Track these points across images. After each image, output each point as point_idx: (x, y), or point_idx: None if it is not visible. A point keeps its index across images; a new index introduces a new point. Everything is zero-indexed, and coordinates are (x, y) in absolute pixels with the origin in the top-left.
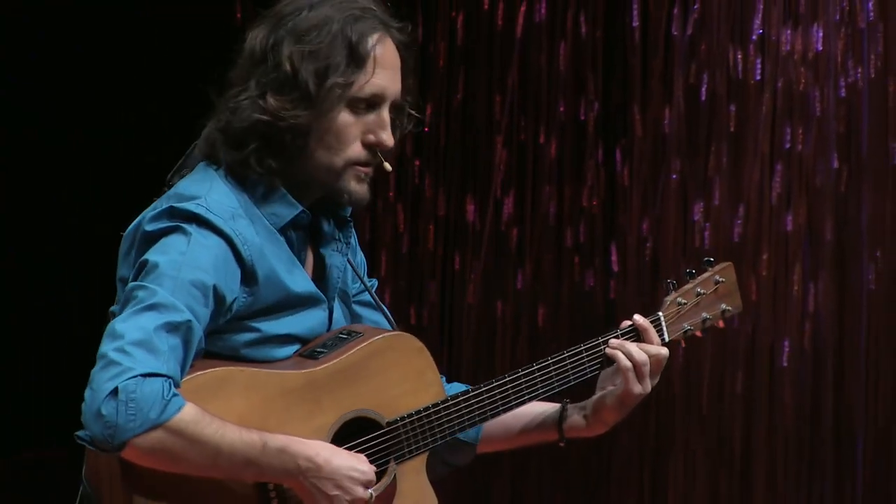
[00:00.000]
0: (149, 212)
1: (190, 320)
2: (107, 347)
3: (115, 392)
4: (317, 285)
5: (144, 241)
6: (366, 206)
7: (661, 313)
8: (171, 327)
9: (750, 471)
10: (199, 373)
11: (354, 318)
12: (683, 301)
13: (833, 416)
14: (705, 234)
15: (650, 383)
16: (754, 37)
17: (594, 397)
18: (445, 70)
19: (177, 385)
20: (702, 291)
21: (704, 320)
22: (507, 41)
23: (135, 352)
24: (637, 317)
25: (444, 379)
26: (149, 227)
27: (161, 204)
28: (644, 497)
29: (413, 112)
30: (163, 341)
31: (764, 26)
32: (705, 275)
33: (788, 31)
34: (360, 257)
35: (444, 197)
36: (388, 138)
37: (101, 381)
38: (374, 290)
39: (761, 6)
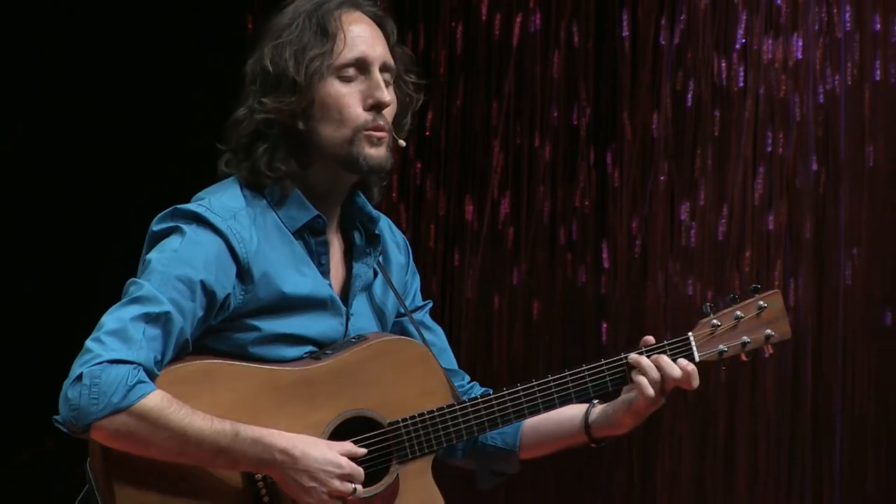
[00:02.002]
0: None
1: (169, 311)
2: (89, 338)
3: (80, 377)
4: (342, 294)
5: (150, 240)
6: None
7: (690, 333)
8: (150, 318)
9: (733, 454)
10: (184, 363)
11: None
12: (719, 323)
13: (812, 403)
14: (691, 233)
15: (661, 398)
16: (737, 46)
17: (617, 399)
18: (446, 77)
19: (150, 373)
20: (741, 315)
21: (745, 343)
22: (504, 50)
23: (108, 340)
24: (633, 355)
25: (465, 381)
26: (154, 228)
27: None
28: (633, 478)
29: (412, 79)
30: (138, 330)
31: (747, 36)
32: (748, 300)
33: (770, 41)
34: (416, 282)
35: (444, 197)
36: (383, 95)
37: (74, 367)
38: (426, 311)
39: (744, 17)
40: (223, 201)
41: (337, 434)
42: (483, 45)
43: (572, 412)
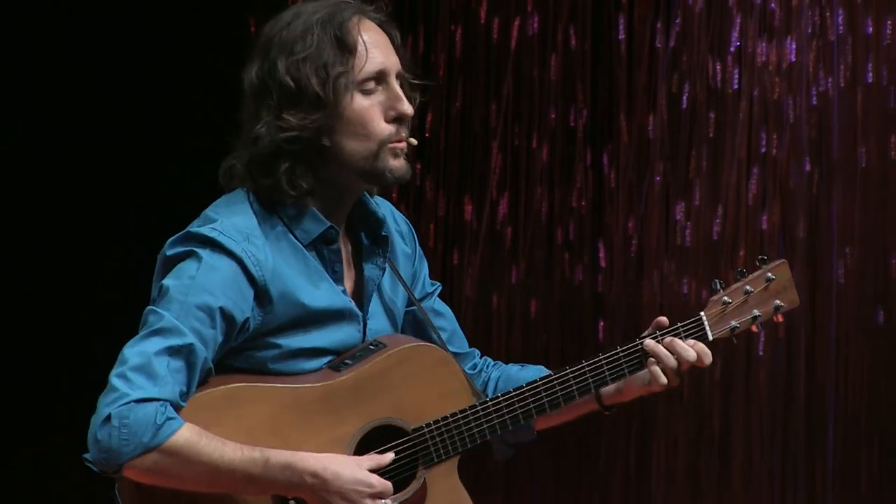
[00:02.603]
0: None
1: (192, 343)
2: (112, 373)
3: (108, 418)
4: (355, 299)
5: (164, 265)
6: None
7: (703, 313)
8: (173, 351)
9: (727, 452)
10: (207, 390)
11: (410, 328)
12: (729, 300)
13: (805, 401)
14: (686, 233)
15: (677, 379)
16: (732, 49)
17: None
18: (445, 80)
19: (176, 407)
20: (750, 289)
21: (755, 317)
22: (503, 53)
23: (133, 377)
24: (648, 341)
25: (476, 358)
26: (168, 252)
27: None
28: (630, 476)
29: (418, 81)
30: (162, 365)
31: (741, 39)
32: (756, 273)
33: (764, 44)
34: (424, 267)
35: (443, 198)
36: (406, 107)
37: (100, 406)
38: (436, 295)
39: (738, 20)
40: (235, 222)
41: (363, 444)
42: (482, 48)
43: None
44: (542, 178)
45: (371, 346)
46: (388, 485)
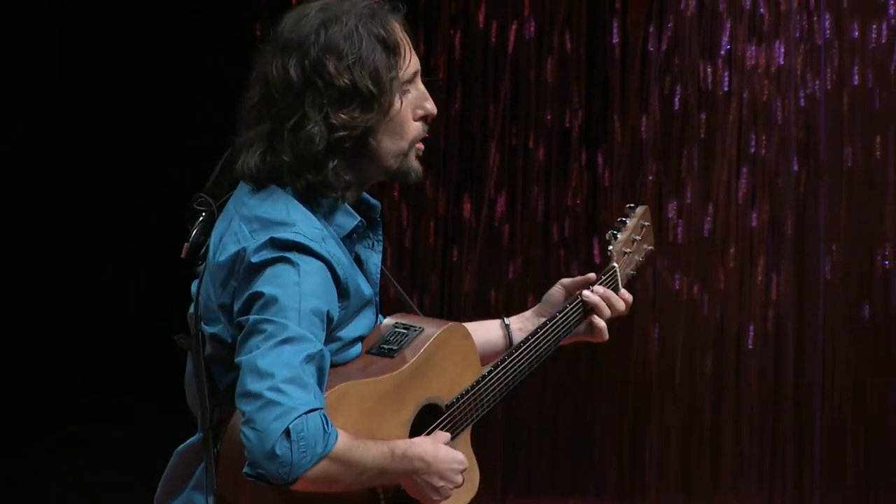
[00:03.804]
0: (245, 242)
1: (322, 349)
2: (259, 386)
3: (287, 433)
4: None
5: (250, 272)
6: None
7: (615, 265)
8: (310, 358)
9: (718, 442)
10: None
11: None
12: (628, 250)
13: (793, 393)
14: (678, 230)
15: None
16: (722, 52)
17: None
18: (445, 82)
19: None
20: (636, 238)
21: (637, 262)
22: (500, 56)
23: (290, 390)
24: (586, 293)
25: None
26: (254, 259)
27: (255, 234)
28: (623, 465)
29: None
30: (308, 374)
31: (731, 43)
32: (633, 221)
33: (753, 47)
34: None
35: (443, 196)
36: (433, 106)
37: (267, 421)
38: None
39: (729, 24)
40: (306, 223)
41: (414, 426)
42: (480, 52)
43: (496, 335)
44: (538, 177)
45: (404, 330)
46: (465, 460)
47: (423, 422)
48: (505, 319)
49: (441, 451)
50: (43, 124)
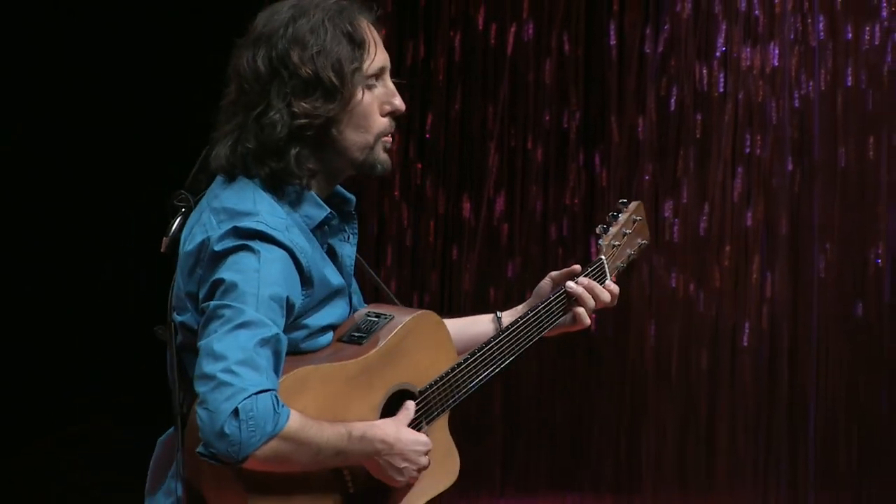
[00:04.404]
0: (211, 231)
1: (277, 333)
2: (213, 368)
3: (235, 412)
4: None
5: (213, 260)
6: (367, 199)
7: (603, 257)
8: (264, 342)
9: (713, 437)
10: (282, 377)
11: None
12: (617, 243)
13: (788, 389)
14: (674, 229)
15: (588, 315)
16: (718, 54)
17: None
18: (445, 83)
19: (279, 395)
20: (627, 231)
21: (629, 256)
22: (499, 58)
23: (242, 371)
24: (570, 283)
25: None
26: (217, 248)
27: (221, 224)
28: (620, 459)
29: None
30: (262, 357)
31: (726, 44)
32: (625, 216)
33: (748, 49)
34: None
35: (443, 196)
36: (400, 103)
37: (218, 402)
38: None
39: (724, 26)
40: (270, 212)
41: (384, 410)
42: (480, 54)
43: (486, 329)
44: (537, 177)
45: (372, 317)
46: (430, 442)
47: (396, 407)
48: (498, 313)
49: (403, 433)
50: (43, 124)
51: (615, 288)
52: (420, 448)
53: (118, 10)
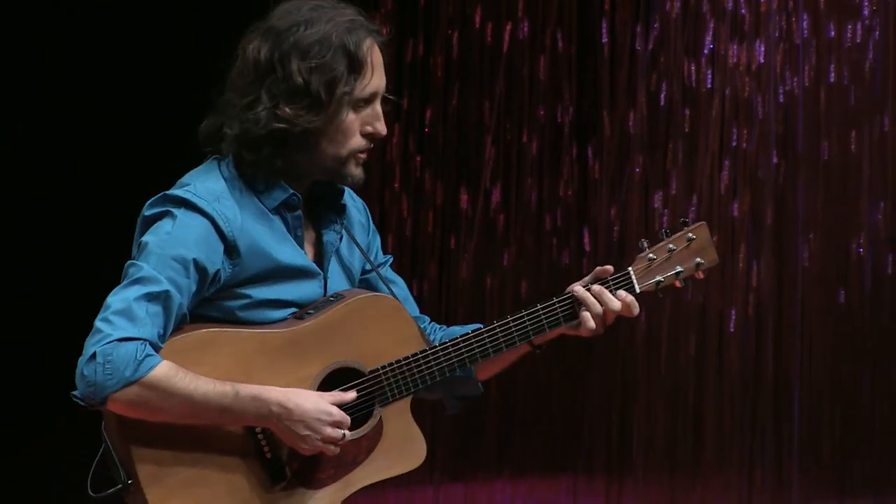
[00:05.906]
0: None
1: (168, 290)
2: (97, 318)
3: (94, 355)
4: (316, 261)
5: (142, 225)
6: (369, 192)
7: (630, 268)
8: (152, 297)
9: (701, 419)
10: (183, 334)
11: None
12: (654, 256)
13: (773, 373)
14: (664, 220)
15: (602, 328)
16: (706, 51)
17: None
18: (443, 80)
19: (155, 347)
20: (674, 248)
21: (678, 273)
22: (496, 55)
23: (115, 320)
24: (578, 287)
25: (426, 322)
26: (147, 213)
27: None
28: (612, 440)
29: (390, 97)
30: (142, 309)
31: (714, 42)
32: (679, 233)
33: (735, 46)
34: (377, 240)
35: (441, 188)
36: (382, 128)
37: (86, 346)
38: (388, 265)
39: (712, 25)
40: (207, 185)
41: (324, 385)
42: (477, 51)
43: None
44: (531, 169)
45: (331, 298)
46: (347, 417)
47: (339, 383)
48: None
49: (310, 401)
50: (43, 124)
51: (628, 298)
52: (325, 418)
53: (118, 10)
